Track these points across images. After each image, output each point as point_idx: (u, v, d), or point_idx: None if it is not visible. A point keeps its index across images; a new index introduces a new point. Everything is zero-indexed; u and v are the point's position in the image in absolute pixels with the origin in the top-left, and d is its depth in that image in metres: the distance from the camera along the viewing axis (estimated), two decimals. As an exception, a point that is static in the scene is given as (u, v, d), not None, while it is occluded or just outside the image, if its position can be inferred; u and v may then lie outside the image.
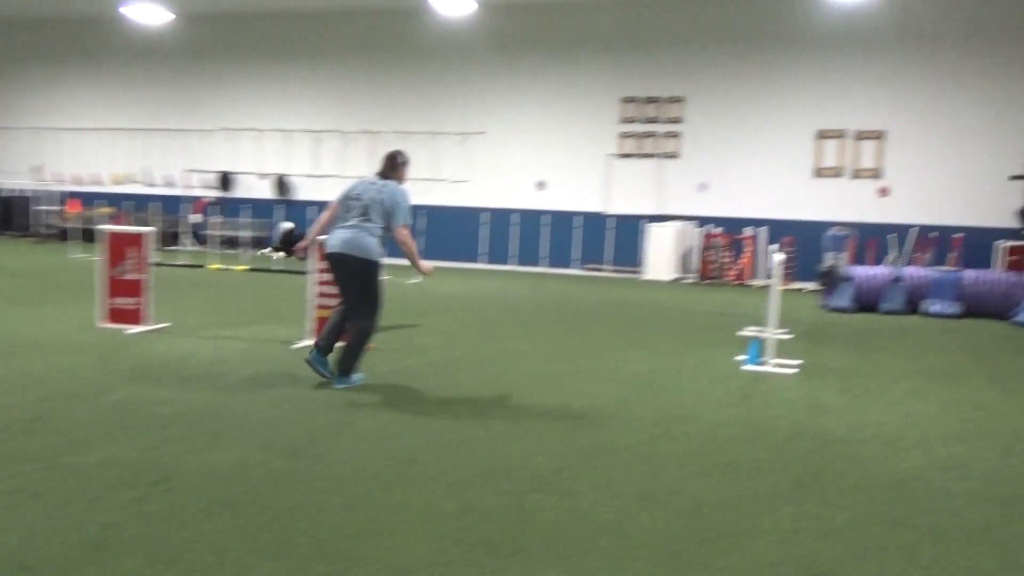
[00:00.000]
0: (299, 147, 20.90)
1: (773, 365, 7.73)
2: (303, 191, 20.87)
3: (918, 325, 11.57)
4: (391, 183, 6.65)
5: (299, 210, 20.49)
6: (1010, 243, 15.47)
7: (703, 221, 17.96)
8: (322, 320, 8.05)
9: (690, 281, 17.07)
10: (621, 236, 18.78)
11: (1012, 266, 14.99)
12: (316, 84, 20.85)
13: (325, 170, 20.68)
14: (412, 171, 19.49)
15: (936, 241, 16.31)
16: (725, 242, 17.08)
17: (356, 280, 6.47)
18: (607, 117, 18.81)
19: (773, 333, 7.97)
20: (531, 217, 19.30)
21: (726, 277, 16.73)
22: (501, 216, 19.46)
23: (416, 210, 16.59)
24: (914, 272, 12.90)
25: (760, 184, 17.90)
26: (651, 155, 18.56)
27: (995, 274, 12.67)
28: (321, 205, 20.08)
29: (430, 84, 20.00)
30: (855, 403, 6.52)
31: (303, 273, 8.75)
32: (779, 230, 17.33)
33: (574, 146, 19.03)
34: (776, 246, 11.45)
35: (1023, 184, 16.22)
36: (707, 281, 16.94)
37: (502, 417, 5.65)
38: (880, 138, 17.21)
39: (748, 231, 17.43)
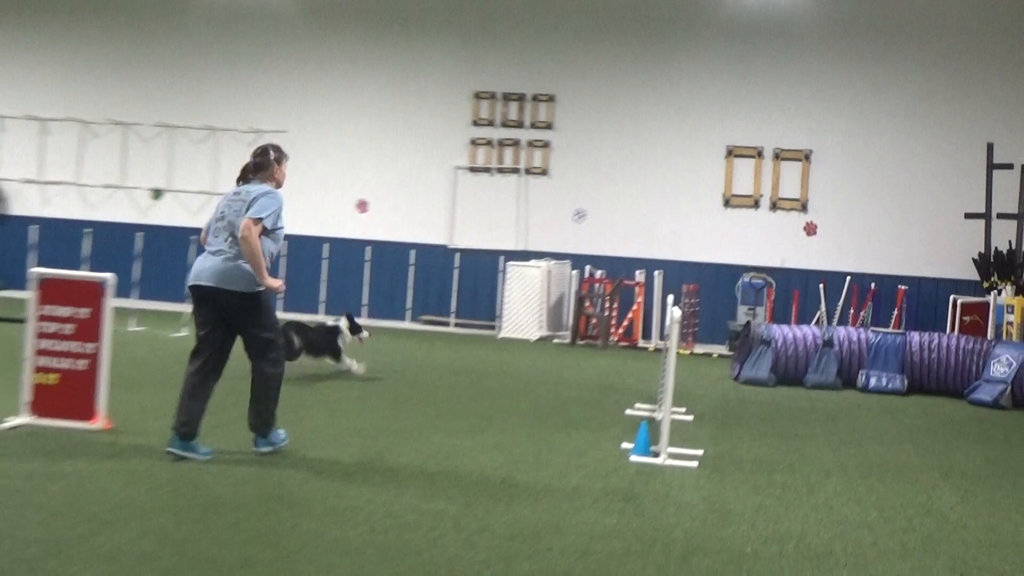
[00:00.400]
0: (14, 140, 20.10)
1: (668, 456, 7.94)
2: (20, 203, 20.06)
3: (853, 403, 12.15)
4: (256, 185, 7.23)
5: (16, 229, 19.66)
6: (965, 298, 16.55)
7: (580, 261, 18.36)
8: (42, 388, 7.72)
9: (562, 341, 17.36)
10: (471, 278, 18.95)
11: (968, 328, 16.01)
12: (43, 53, 20.19)
13: (54, 174, 19.96)
14: (181, 181, 19.14)
15: (876, 294, 17.25)
16: (609, 290, 17.51)
17: (237, 319, 7.08)
18: (455, 118, 19.05)
19: (669, 413, 8.19)
20: (349, 249, 19.21)
21: (610, 337, 17.11)
22: (307, 247, 19.29)
23: (188, 235, 16.26)
24: (849, 334, 13.58)
25: (655, 214, 18.49)
26: (512, 170, 18.90)
27: (947, 338, 13.50)
28: (46, 223, 19.32)
29: (211, 64, 19.74)
30: (772, 507, 6.76)
31: (16, 321, 8.38)
32: (679, 275, 17.92)
33: (409, 155, 19.15)
34: (674, 297, 11.80)
35: (982, 224, 17.42)
36: (584, 341, 17.27)
37: (294, 530, 5.56)
38: (806, 159, 18.15)
39: (639, 275, 17.94)
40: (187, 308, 6.61)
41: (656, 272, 17.92)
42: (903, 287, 17.25)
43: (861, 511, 6.81)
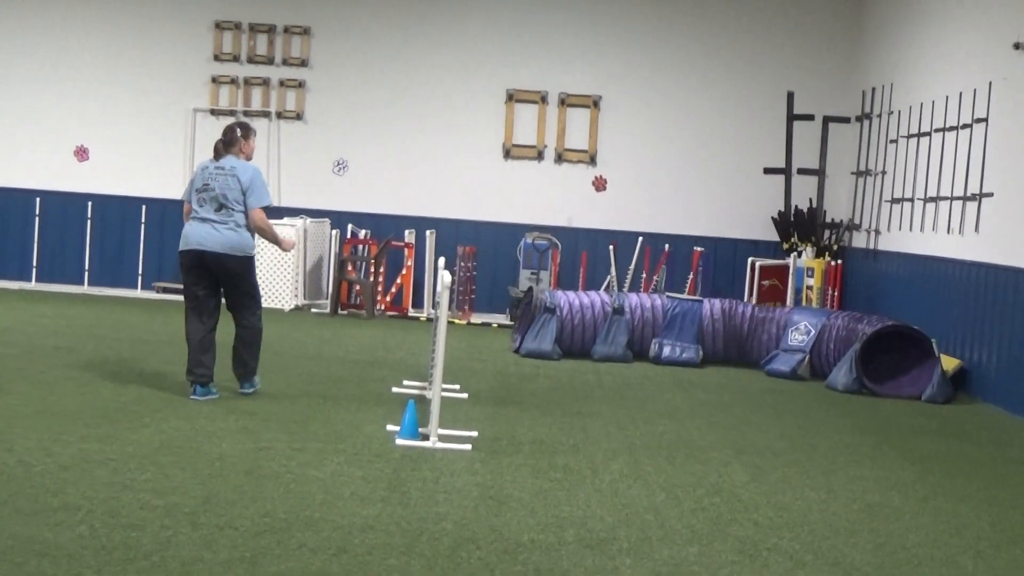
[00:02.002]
0: None
1: (439, 439, 8.08)
2: None
3: (644, 377, 12.61)
4: (236, 160, 9.40)
5: None
6: (764, 261, 17.35)
7: (341, 219, 18.31)
8: None
9: (322, 311, 17.30)
10: (214, 239, 18.61)
11: (767, 293, 16.82)
12: None
13: None
14: None
15: (670, 256, 17.88)
16: (374, 252, 17.54)
17: (233, 280, 9.38)
18: (192, 51, 18.61)
19: (440, 391, 8.32)
20: (66, 205, 18.59)
21: (376, 305, 17.16)
22: (15, 202, 18.60)
23: None
24: (641, 301, 14.05)
25: (426, 166, 18.58)
26: (262, 114, 18.65)
27: (744, 305, 14.14)
28: None
29: None
30: (552, 492, 6.99)
31: None
32: (454, 235, 18.09)
33: (138, 93, 18.63)
34: (446, 260, 11.96)
35: (782, 180, 18.28)
36: (347, 311, 17.25)
37: None
38: (594, 106, 18.59)
39: (409, 236, 18.02)
40: None
41: (428, 232, 18.03)
42: (699, 249, 17.91)
43: (648, 493, 7.11)
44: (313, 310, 17.46)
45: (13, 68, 18.63)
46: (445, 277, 8.40)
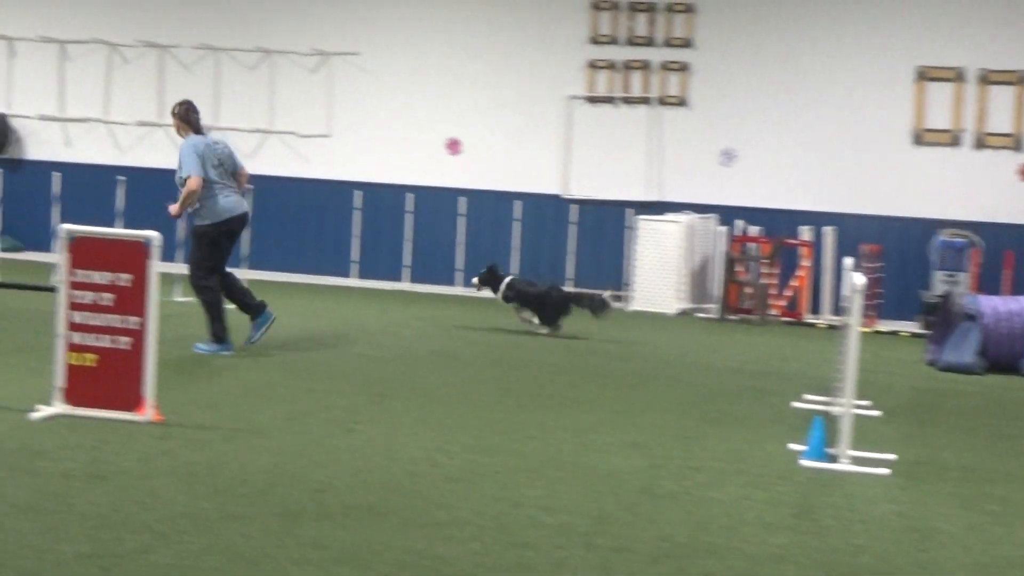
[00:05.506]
0: (28, 68, 20.56)
1: (850, 460, 7.90)
2: (38, 145, 20.56)
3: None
4: (214, 135, 11.88)
5: (33, 176, 20.14)
6: None
7: (730, 214, 18.23)
8: (78, 371, 7.94)
9: (709, 316, 17.29)
10: (592, 237, 18.92)
11: None
12: (64, -40, 20.59)
13: (77, 110, 20.38)
14: (230, 116, 19.43)
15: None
16: (767, 251, 17.39)
17: (239, 236, 11.69)
18: (568, 35, 18.96)
19: (851, 407, 8.14)
20: (438, 201, 19.28)
21: (769, 310, 17.01)
22: (386, 198, 19.43)
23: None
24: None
25: (824, 155, 18.23)
26: (642, 100, 18.80)
27: None
28: (69, 170, 19.75)
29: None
30: (988, 526, 6.70)
31: (46, 289, 8.60)
32: (856, 232, 17.68)
33: (511, 82, 19.12)
34: (852, 260, 11.66)
35: None
36: (737, 316, 17.17)
37: (388, 547, 5.67)
38: (1020, 84, 17.75)
39: (805, 233, 17.76)
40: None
41: (827, 229, 17.73)
42: None
43: (1105, 533, 6.73)
44: (699, 315, 17.45)
45: (383, 58, 19.46)
46: (857, 279, 8.21)
